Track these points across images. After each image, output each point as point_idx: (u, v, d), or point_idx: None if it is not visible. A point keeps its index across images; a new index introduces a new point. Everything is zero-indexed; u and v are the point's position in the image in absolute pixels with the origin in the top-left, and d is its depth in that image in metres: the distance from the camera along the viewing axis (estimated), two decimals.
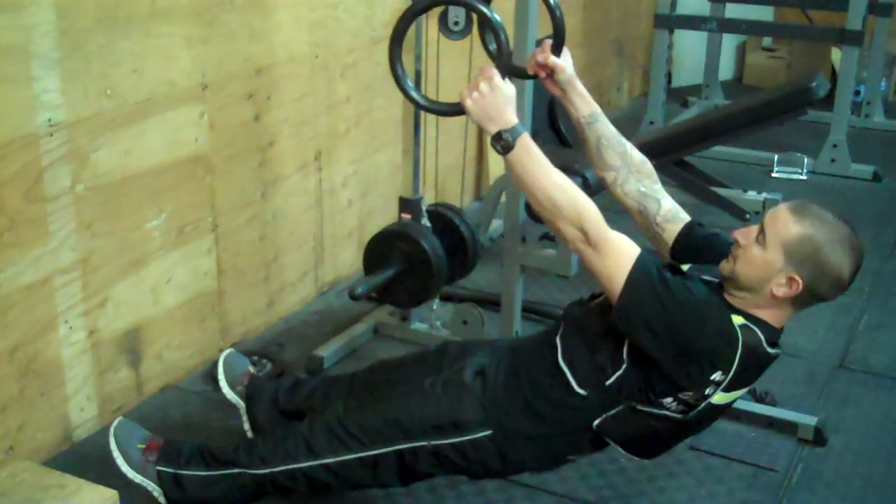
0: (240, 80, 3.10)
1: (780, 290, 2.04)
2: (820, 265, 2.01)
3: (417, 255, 3.08)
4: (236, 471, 2.34)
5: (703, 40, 6.21)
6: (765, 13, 6.93)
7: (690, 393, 2.08)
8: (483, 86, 2.07)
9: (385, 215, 3.86)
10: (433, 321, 3.39)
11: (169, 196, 2.92)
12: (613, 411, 2.16)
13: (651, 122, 5.59)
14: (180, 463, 2.38)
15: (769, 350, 2.10)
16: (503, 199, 3.21)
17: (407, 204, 3.23)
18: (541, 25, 2.84)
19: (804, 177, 5.16)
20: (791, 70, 6.88)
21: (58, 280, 2.62)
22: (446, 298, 3.51)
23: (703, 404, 2.10)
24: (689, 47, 6.71)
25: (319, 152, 3.55)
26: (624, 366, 2.11)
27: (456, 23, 3.07)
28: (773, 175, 5.20)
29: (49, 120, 2.48)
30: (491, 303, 3.47)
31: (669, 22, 5.52)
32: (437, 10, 3.20)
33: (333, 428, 2.30)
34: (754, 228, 2.08)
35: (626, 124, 5.97)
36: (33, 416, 2.62)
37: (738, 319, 2.06)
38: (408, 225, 3.18)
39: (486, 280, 3.77)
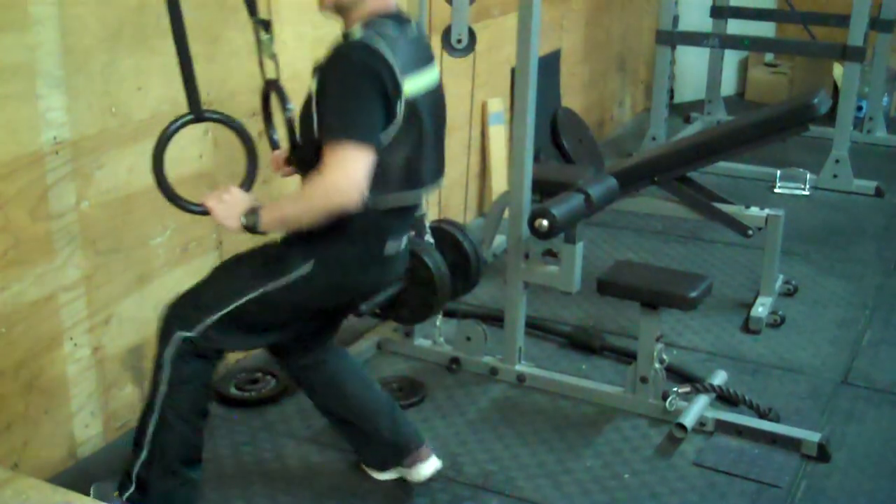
0: (244, 97, 3.11)
1: None
2: None
3: (420, 272, 3.08)
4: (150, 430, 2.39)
5: (705, 56, 6.24)
6: (767, 29, 6.96)
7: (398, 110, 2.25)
8: (224, 196, 2.34)
9: None
10: (437, 337, 3.39)
11: (173, 213, 2.90)
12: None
13: (653, 138, 5.61)
14: (132, 474, 2.43)
15: (393, 33, 2.26)
16: (506, 215, 3.22)
17: None
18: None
19: (806, 192, 5.17)
20: (793, 85, 6.89)
21: (62, 297, 2.62)
22: (450, 314, 3.51)
23: (407, 106, 2.26)
24: (692, 63, 6.73)
25: None
26: None
27: (459, 41, 3.09)
28: (776, 191, 5.20)
29: (54, 138, 2.50)
30: (494, 318, 3.47)
31: (671, 38, 5.55)
32: (441, 26, 3.22)
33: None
34: None
35: (629, 140, 6.01)
36: (38, 432, 2.62)
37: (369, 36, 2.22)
38: (411, 241, 3.18)
39: (490, 295, 3.77)
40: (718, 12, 5.98)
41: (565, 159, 5.27)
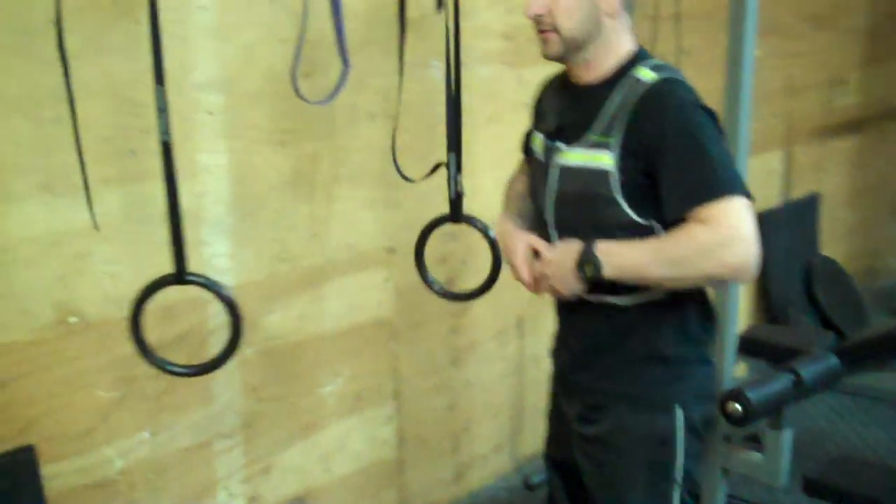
0: (431, 243, 2.99)
1: (615, 1, 1.84)
2: None
3: None
4: None
5: None
6: None
7: None
8: (547, 256, 1.90)
9: None
10: None
11: (346, 360, 2.83)
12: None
13: None
14: None
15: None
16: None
17: None
18: None
19: None
20: None
21: (218, 444, 2.56)
22: None
23: None
24: None
25: (521, 319, 3.36)
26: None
27: None
28: None
29: None
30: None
31: None
32: None
33: None
34: None
35: None
36: None
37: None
38: None
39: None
40: None
41: (820, 316, 4.75)
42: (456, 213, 2.55)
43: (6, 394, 2.13)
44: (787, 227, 4.57)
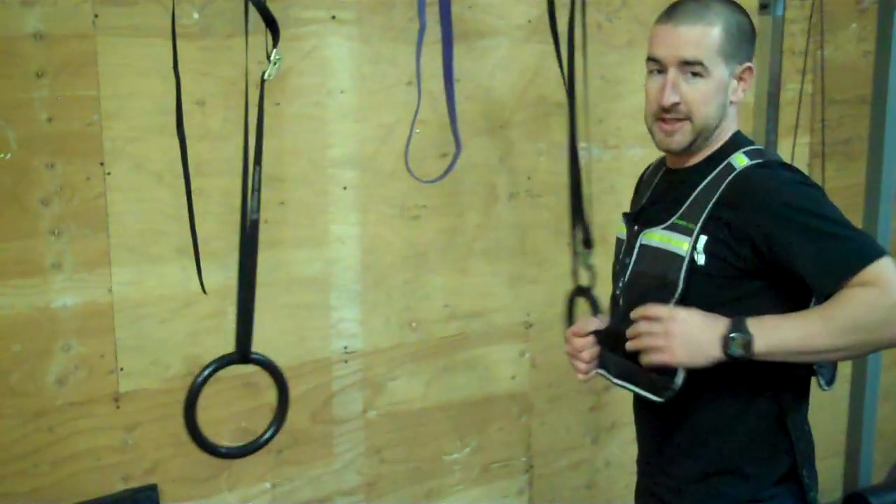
0: None
1: (741, 90, 1.80)
2: (750, 32, 1.81)
3: None
4: None
5: None
6: None
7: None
8: (671, 327, 1.64)
9: None
10: None
11: (474, 430, 2.88)
12: None
13: None
14: None
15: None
16: None
17: None
18: None
19: None
20: None
21: (339, 501, 2.68)
22: None
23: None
24: None
25: None
26: None
27: None
28: None
29: (345, 347, 2.61)
30: None
31: None
32: None
33: None
34: (666, 78, 1.77)
35: None
36: None
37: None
38: None
39: None
40: None
41: None
42: (582, 287, 2.38)
43: (136, 435, 2.35)
44: None
